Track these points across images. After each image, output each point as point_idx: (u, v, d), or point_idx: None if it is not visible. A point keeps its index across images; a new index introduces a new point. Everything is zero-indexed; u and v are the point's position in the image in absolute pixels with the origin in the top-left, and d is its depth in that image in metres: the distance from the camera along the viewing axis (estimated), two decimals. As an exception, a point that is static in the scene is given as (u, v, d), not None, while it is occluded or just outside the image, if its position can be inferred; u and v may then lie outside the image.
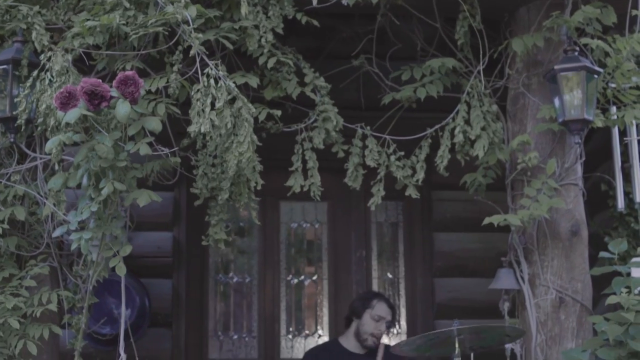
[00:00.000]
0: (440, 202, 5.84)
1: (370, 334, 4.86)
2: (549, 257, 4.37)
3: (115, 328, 5.01)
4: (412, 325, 5.79)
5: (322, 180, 5.94)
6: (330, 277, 5.86)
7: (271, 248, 5.88)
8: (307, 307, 5.93)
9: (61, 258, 4.16)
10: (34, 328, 3.73)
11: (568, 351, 4.08)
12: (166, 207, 5.62)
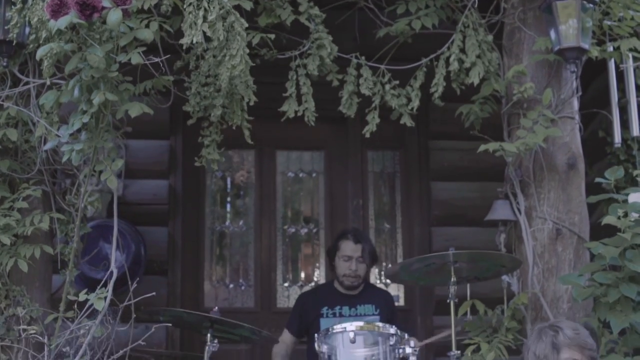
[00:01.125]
0: (437, 151, 5.82)
1: (343, 275, 4.83)
2: (546, 189, 4.34)
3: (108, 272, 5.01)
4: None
5: (318, 131, 5.95)
6: (326, 226, 5.84)
7: (267, 197, 5.86)
8: (303, 256, 5.90)
9: (54, 186, 4.14)
10: (25, 248, 3.71)
11: (565, 276, 4.05)
12: (162, 156, 5.61)
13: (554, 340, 3.22)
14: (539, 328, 3.32)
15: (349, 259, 4.82)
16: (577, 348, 3.20)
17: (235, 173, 5.98)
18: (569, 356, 3.20)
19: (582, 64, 4.41)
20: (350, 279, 4.83)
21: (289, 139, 5.88)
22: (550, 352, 3.21)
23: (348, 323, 4.01)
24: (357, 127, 5.83)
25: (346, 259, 4.82)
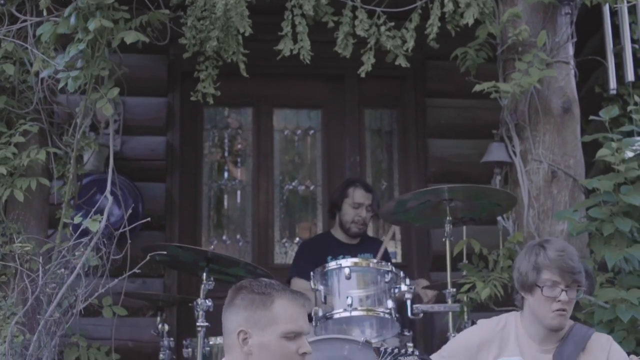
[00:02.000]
0: (434, 109, 5.84)
1: (352, 222, 4.82)
2: (541, 132, 4.36)
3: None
4: (406, 233, 5.78)
5: (316, 88, 6.01)
6: (324, 183, 5.86)
7: (265, 155, 5.88)
8: (301, 212, 5.92)
9: (52, 127, 4.16)
10: (21, 180, 3.73)
11: (560, 212, 4.07)
12: (159, 112, 5.64)
13: (536, 260, 3.11)
14: (529, 244, 3.27)
15: (359, 206, 4.82)
16: (558, 270, 3.07)
17: (233, 131, 6.01)
18: (549, 277, 3.07)
19: (577, 8, 4.43)
20: (358, 226, 4.83)
21: (287, 97, 5.91)
22: (531, 271, 3.11)
23: (343, 260, 4.03)
24: (355, 86, 5.90)
25: (356, 206, 4.82)
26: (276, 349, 2.56)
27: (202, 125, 5.84)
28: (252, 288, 2.63)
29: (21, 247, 3.32)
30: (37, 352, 3.33)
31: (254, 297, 2.59)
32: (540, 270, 3.11)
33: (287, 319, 2.58)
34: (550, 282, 3.09)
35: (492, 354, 3.23)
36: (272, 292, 2.61)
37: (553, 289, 3.09)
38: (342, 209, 4.86)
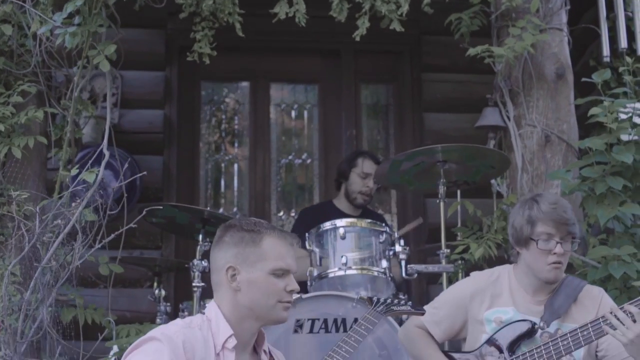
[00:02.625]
0: (430, 83, 5.87)
1: (359, 192, 4.85)
2: (535, 97, 4.40)
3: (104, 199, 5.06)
4: (402, 205, 5.81)
5: (313, 63, 6.05)
6: (320, 157, 5.89)
7: (262, 129, 5.92)
8: (297, 186, 5.96)
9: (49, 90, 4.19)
10: (19, 138, 3.76)
11: (554, 172, 4.10)
12: (157, 85, 5.68)
13: (530, 214, 3.13)
14: (522, 200, 3.31)
15: (367, 176, 4.83)
16: (552, 223, 3.09)
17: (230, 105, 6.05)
18: (543, 230, 3.09)
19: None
20: (364, 197, 4.85)
21: (283, 72, 5.95)
22: (526, 225, 3.13)
23: (338, 220, 4.06)
24: (351, 61, 5.95)
25: (364, 176, 4.84)
26: (264, 285, 2.57)
27: (199, 99, 5.88)
28: (242, 226, 2.65)
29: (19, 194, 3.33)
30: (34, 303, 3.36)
31: (243, 234, 2.61)
32: (535, 223, 3.12)
33: (276, 256, 2.59)
34: (545, 235, 3.11)
35: (485, 304, 3.26)
36: (261, 229, 2.63)
37: (548, 242, 3.11)
38: (350, 178, 4.88)
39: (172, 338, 2.47)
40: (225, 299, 2.60)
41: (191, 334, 2.52)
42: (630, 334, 2.85)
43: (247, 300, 2.57)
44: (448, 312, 3.31)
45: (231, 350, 2.55)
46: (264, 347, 2.73)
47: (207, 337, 2.55)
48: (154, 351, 2.43)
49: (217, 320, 2.58)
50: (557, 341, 3.00)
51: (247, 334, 2.62)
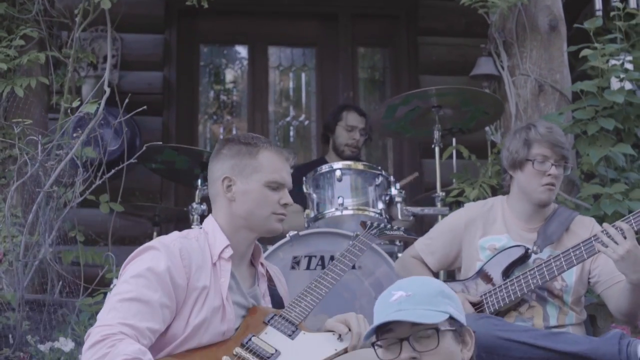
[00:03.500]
0: (425, 46, 5.95)
1: (346, 145, 4.88)
2: (528, 48, 4.47)
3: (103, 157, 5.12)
4: (398, 165, 5.88)
5: (310, 27, 6.11)
6: (317, 119, 5.96)
7: (260, 91, 5.98)
8: (295, 147, 6.02)
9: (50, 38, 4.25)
10: (21, 79, 3.81)
11: (547, 115, 4.16)
12: (157, 48, 5.75)
13: (526, 137, 3.21)
14: (515, 128, 3.38)
15: (353, 129, 4.88)
16: (548, 145, 3.17)
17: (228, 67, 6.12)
18: (539, 152, 3.17)
19: None
20: (352, 149, 4.89)
21: (281, 35, 6.02)
22: (522, 148, 3.20)
23: (335, 162, 4.12)
24: (348, 25, 6.02)
25: (349, 129, 4.88)
26: (258, 196, 2.63)
27: (198, 62, 5.95)
28: (239, 139, 2.71)
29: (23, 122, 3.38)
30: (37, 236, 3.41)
31: (241, 147, 2.67)
32: (531, 145, 3.20)
33: (271, 169, 2.65)
34: (540, 157, 3.19)
35: (479, 232, 3.32)
36: (258, 142, 2.68)
37: (543, 164, 3.18)
38: (336, 131, 4.93)
39: (169, 246, 2.53)
40: (222, 210, 2.66)
41: (188, 244, 2.58)
42: (620, 250, 2.90)
43: (242, 210, 2.63)
44: (443, 241, 3.37)
45: (227, 260, 2.60)
46: (261, 259, 2.79)
47: (203, 248, 2.60)
48: (152, 258, 2.49)
49: (214, 232, 2.64)
50: (550, 262, 3.06)
51: (243, 245, 2.67)
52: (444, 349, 2.01)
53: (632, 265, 2.91)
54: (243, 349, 2.52)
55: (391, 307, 2.04)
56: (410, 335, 2.01)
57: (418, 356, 1.99)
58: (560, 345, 2.85)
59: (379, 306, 2.09)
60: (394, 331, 2.02)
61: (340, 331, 2.62)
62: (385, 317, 2.02)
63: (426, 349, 2.00)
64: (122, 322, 2.35)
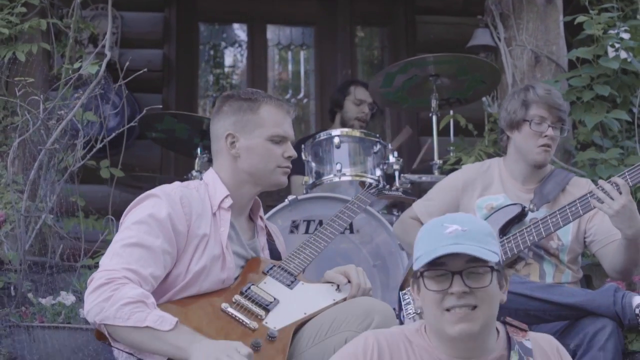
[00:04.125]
0: (424, 24, 5.99)
1: (355, 119, 4.93)
2: (525, 20, 4.51)
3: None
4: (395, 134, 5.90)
5: (309, 6, 6.15)
6: (316, 96, 6.00)
7: (259, 69, 6.02)
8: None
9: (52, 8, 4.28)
10: (23, 45, 3.84)
11: (543, 81, 4.19)
12: (156, 26, 5.80)
13: (524, 98, 3.24)
14: (514, 90, 3.41)
15: (361, 102, 4.92)
16: (545, 106, 3.20)
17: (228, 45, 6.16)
18: (536, 113, 3.20)
19: None
20: (360, 123, 4.93)
21: (280, 14, 6.06)
22: (519, 108, 3.24)
23: (333, 129, 4.15)
24: (346, 4, 6.05)
25: (358, 103, 4.93)
26: (262, 151, 2.66)
27: (197, 40, 5.99)
28: (240, 95, 2.73)
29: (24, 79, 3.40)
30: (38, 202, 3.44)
31: (241, 103, 2.69)
32: (529, 106, 3.23)
33: (273, 123, 2.67)
34: (538, 118, 3.22)
35: (476, 192, 3.35)
36: (258, 97, 2.71)
37: (540, 125, 3.22)
38: (345, 106, 4.96)
39: (170, 194, 2.57)
40: (225, 166, 2.68)
41: (188, 192, 2.61)
42: (615, 205, 2.94)
43: (247, 166, 2.65)
44: (441, 202, 3.40)
45: (227, 210, 2.63)
46: (260, 213, 2.82)
47: (204, 198, 2.63)
48: (153, 205, 2.52)
49: (214, 184, 2.67)
50: (547, 219, 3.10)
51: (245, 198, 2.70)
52: (492, 288, 2.02)
53: (627, 220, 2.95)
54: (242, 296, 2.56)
55: (446, 239, 2.01)
56: (464, 270, 2.00)
57: (469, 292, 1.99)
58: (557, 297, 2.88)
59: (430, 237, 2.06)
60: (447, 264, 2.00)
61: (340, 282, 2.66)
62: (445, 249, 1.99)
63: (478, 286, 2.00)
64: (125, 267, 2.39)
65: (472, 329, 1.99)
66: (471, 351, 2.05)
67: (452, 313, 1.99)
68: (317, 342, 2.50)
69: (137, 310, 2.29)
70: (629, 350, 2.86)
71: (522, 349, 2.09)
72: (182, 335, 2.28)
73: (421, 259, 2.03)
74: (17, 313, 3.00)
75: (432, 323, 2.06)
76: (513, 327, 2.15)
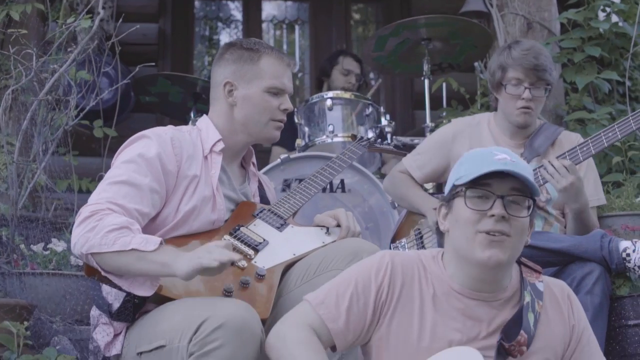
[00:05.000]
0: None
1: (342, 88, 4.92)
2: (517, -13, 4.53)
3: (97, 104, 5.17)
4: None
5: (304, -17, 6.18)
6: (311, 71, 6.02)
7: (254, 44, 6.03)
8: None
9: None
10: (17, 6, 3.86)
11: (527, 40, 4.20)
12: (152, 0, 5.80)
13: (501, 60, 3.20)
14: (503, 45, 3.42)
15: (349, 73, 4.95)
16: (520, 68, 3.15)
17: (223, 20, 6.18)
18: (513, 76, 3.17)
19: None
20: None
21: (275, -11, 6.10)
22: (497, 70, 3.22)
23: (325, 92, 4.17)
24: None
25: (345, 73, 4.96)
26: (259, 101, 2.66)
27: (192, 14, 6.01)
28: (242, 44, 2.73)
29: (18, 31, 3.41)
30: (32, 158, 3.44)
31: (243, 52, 2.69)
32: (505, 69, 3.21)
33: (272, 74, 2.67)
34: (514, 80, 3.19)
35: (466, 145, 3.35)
36: (260, 48, 2.70)
37: (517, 87, 3.19)
38: (332, 75, 4.99)
39: (160, 134, 2.58)
40: (220, 113, 2.69)
41: (180, 134, 2.63)
42: (563, 182, 2.98)
43: (242, 115, 2.66)
44: (431, 155, 3.42)
45: (218, 154, 2.64)
46: (252, 160, 2.84)
47: (195, 142, 2.64)
48: (143, 146, 2.54)
49: (207, 129, 2.68)
50: (537, 171, 3.10)
51: (237, 146, 2.71)
52: (526, 222, 2.03)
53: (574, 196, 3.01)
54: (231, 236, 2.57)
55: (496, 163, 2.01)
56: (507, 195, 2.00)
57: (507, 217, 1.99)
58: (544, 242, 2.90)
59: (478, 159, 2.06)
60: (492, 186, 2.01)
61: (329, 224, 2.67)
62: (497, 166, 1.98)
63: (517, 215, 2.01)
64: (110, 201, 2.40)
65: (500, 257, 2.00)
66: (488, 284, 2.07)
67: (486, 236, 1.99)
68: (306, 280, 2.52)
69: (121, 235, 2.29)
70: (617, 295, 2.88)
71: (534, 290, 2.10)
72: (166, 253, 2.28)
73: (467, 176, 2.03)
74: (8, 261, 3.02)
75: (459, 246, 2.06)
76: (528, 267, 2.17)
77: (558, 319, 2.12)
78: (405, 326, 2.07)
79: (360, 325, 2.08)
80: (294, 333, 2.08)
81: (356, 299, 2.08)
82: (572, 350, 2.12)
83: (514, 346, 2.01)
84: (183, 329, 2.19)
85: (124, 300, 2.40)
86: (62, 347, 2.62)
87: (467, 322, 2.06)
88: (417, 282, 2.10)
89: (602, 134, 3.02)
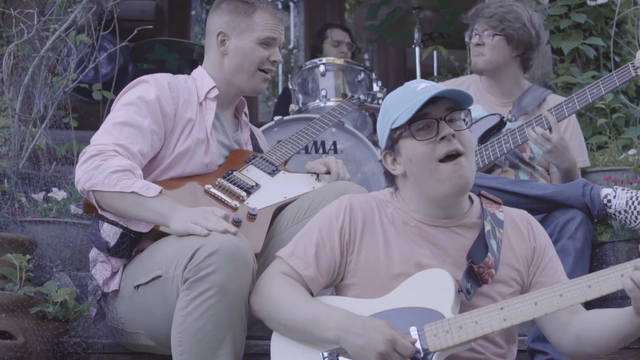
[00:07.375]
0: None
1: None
2: (505, -44, 4.61)
3: (97, 77, 5.25)
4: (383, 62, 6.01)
5: (299, -40, 6.26)
6: (306, 47, 6.11)
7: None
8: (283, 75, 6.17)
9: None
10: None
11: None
12: (150, -23, 5.90)
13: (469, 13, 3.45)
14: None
15: (339, 43, 5.07)
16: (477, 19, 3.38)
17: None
18: (478, 27, 3.39)
19: None
20: None
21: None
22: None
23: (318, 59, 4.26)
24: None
25: (336, 44, 5.08)
26: (250, 52, 2.75)
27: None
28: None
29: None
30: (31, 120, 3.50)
31: (238, 4, 2.79)
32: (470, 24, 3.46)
33: (265, 27, 2.77)
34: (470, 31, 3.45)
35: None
36: (255, 2, 2.79)
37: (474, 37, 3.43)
38: (324, 49, 5.11)
39: (158, 79, 2.70)
40: (213, 62, 2.79)
41: (176, 80, 2.74)
42: (548, 145, 3.08)
43: (232, 65, 2.76)
44: None
45: (213, 100, 2.74)
46: (245, 110, 2.94)
47: (191, 89, 2.75)
48: (142, 89, 2.66)
49: (202, 77, 2.78)
50: (523, 128, 3.20)
51: (230, 94, 2.81)
52: (471, 135, 2.13)
53: (560, 156, 3.12)
54: (225, 179, 2.67)
55: (422, 93, 2.08)
56: (446, 115, 2.08)
57: (455, 134, 2.07)
58: (528, 190, 2.99)
59: (406, 97, 2.12)
60: (430, 114, 2.08)
61: (319, 171, 2.77)
62: (428, 94, 2.05)
63: (461, 129, 2.10)
64: (115, 143, 2.49)
65: (467, 179, 2.09)
66: (450, 209, 2.15)
67: (447, 165, 2.07)
68: (296, 222, 2.61)
69: (124, 177, 2.39)
70: (599, 241, 2.97)
71: (494, 219, 2.18)
72: (165, 203, 2.37)
73: (404, 115, 2.09)
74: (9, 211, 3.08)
75: (423, 181, 2.12)
76: (488, 199, 2.25)
77: (520, 243, 2.20)
78: (374, 258, 2.15)
79: (332, 267, 2.17)
80: (272, 283, 2.18)
81: (322, 244, 2.17)
82: (534, 269, 2.20)
83: (483, 268, 2.09)
84: (178, 258, 2.27)
85: (120, 234, 2.50)
86: (62, 283, 2.71)
87: (432, 249, 2.14)
88: (377, 216, 2.18)
89: (587, 90, 3.12)
